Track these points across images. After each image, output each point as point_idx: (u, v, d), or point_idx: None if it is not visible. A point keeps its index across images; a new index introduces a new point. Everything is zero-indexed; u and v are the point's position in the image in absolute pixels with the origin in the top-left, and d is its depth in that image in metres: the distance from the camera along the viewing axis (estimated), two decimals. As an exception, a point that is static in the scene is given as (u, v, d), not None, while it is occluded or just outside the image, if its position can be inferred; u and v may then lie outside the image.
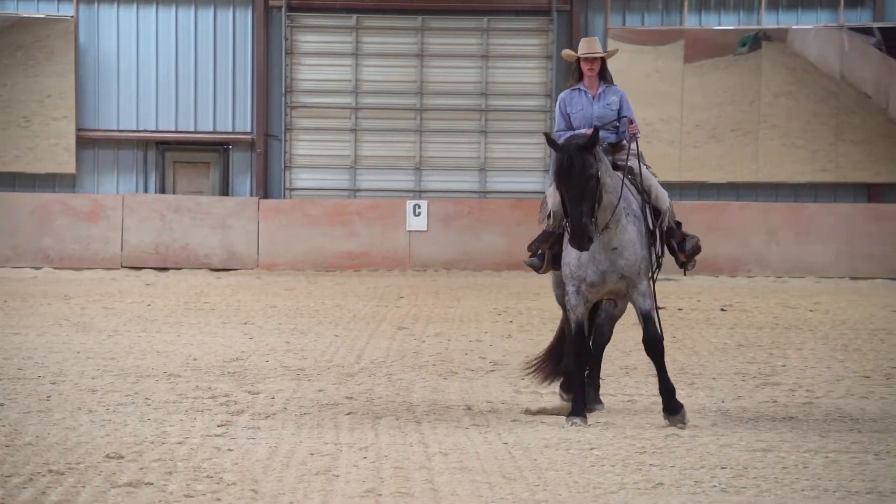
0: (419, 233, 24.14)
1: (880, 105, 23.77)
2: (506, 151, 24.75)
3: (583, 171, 8.64)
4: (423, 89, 24.74)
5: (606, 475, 7.20)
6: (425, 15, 24.63)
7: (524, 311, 16.58)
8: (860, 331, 14.55)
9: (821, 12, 24.10)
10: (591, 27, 24.62)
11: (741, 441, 8.23)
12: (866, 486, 6.94)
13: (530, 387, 10.44)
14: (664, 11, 24.47)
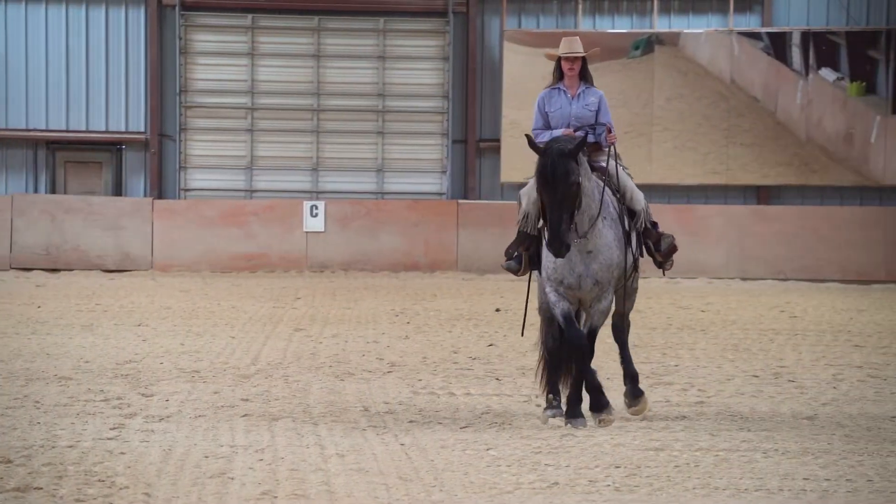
0: (316, 234, 24.04)
1: (769, 108, 24.22)
2: (403, 152, 24.76)
3: (565, 177, 8.60)
4: (320, 90, 24.65)
5: (503, 475, 7.23)
6: (321, 15, 24.55)
7: (421, 312, 16.60)
8: (750, 331, 14.81)
9: (711, 17, 24.49)
10: (487, 29, 24.74)
11: (634, 440, 8.32)
12: (755, 483, 7.07)
13: (427, 388, 10.46)
14: (559, 14, 24.67)
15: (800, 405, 9.70)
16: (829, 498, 6.76)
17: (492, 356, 12.42)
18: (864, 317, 16.62)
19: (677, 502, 6.66)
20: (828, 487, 6.98)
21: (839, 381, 10.96)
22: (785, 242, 23.63)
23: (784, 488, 6.96)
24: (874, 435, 8.55)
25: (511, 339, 13.81)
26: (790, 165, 24.15)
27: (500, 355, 12.48)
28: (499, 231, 24.20)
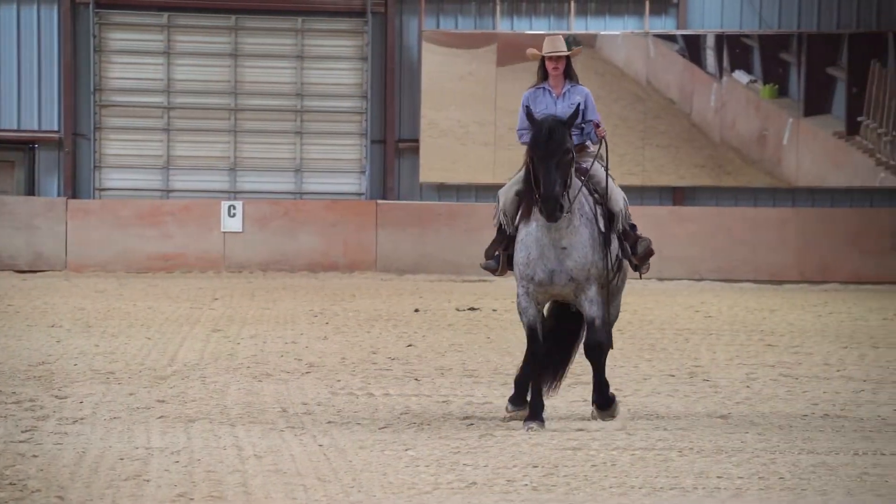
0: (234, 234, 23.89)
1: (684, 110, 24.49)
2: (322, 153, 24.68)
3: (561, 142, 8.59)
4: (238, 89, 24.50)
5: (421, 475, 7.24)
6: (239, 14, 24.40)
7: (340, 313, 16.56)
8: (666, 330, 14.96)
9: (627, 19, 24.71)
10: (405, 29, 24.75)
11: (552, 440, 8.36)
12: (670, 482, 7.14)
13: (346, 388, 10.43)
14: (477, 15, 24.74)
15: (714, 404, 9.81)
16: (742, 496, 6.85)
17: (410, 356, 12.43)
18: (776, 316, 16.86)
19: (594, 501, 6.71)
20: (741, 485, 7.07)
21: (752, 380, 11.11)
22: (700, 243, 23.91)
23: (698, 486, 7.03)
24: (786, 433, 8.68)
25: (430, 339, 13.83)
26: (705, 167, 24.44)
27: (419, 356, 12.49)
28: (418, 231, 24.22)
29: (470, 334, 14.33)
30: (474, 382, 10.80)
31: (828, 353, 12.99)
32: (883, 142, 24.13)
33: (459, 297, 19.19)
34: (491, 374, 11.26)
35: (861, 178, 24.27)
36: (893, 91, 23.94)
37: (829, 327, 15.54)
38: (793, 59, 24.10)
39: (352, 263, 23.93)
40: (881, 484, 7.14)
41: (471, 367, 11.70)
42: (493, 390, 10.41)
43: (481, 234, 24.51)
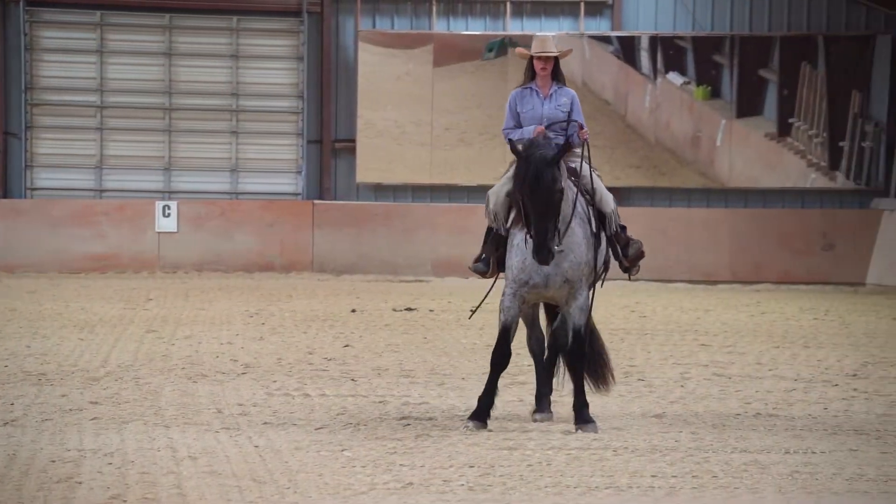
0: (169, 234, 23.72)
1: (619, 111, 24.64)
2: (257, 152, 24.57)
3: (551, 185, 8.47)
4: (172, 88, 24.33)
5: (357, 476, 7.23)
6: (173, 13, 24.23)
7: (276, 313, 16.50)
8: (601, 330, 15.00)
9: (563, 20, 24.82)
10: (341, 29, 24.71)
11: (489, 440, 8.38)
12: (605, 481, 7.18)
13: (282, 389, 10.39)
14: (413, 16, 24.75)
15: (649, 403, 9.88)
16: (675, 494, 6.90)
17: (347, 357, 12.40)
18: (710, 316, 17.01)
19: (529, 501, 6.73)
20: (675, 484, 7.12)
21: (686, 379, 11.20)
22: (635, 243, 24.06)
23: (633, 485, 7.08)
24: (719, 432, 8.76)
25: (367, 339, 13.81)
26: (640, 168, 24.62)
27: (356, 356, 12.47)
28: (354, 231, 24.19)
29: (407, 335, 14.33)
30: (411, 383, 10.80)
31: (760, 352, 13.13)
32: (813, 143, 24.43)
33: (396, 298, 19.19)
34: (428, 375, 11.27)
35: (792, 179, 24.55)
36: (823, 93, 24.24)
37: (761, 327, 15.70)
38: (725, 60, 24.33)
39: (288, 264, 23.85)
40: (812, 482, 7.22)
41: (407, 368, 11.70)
42: (430, 391, 10.41)
43: (418, 235, 24.56)
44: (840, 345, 13.83)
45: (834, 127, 24.26)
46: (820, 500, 6.82)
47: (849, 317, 17.12)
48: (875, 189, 24.56)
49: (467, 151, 24.61)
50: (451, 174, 24.67)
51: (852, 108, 24.22)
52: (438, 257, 24.10)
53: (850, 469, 7.56)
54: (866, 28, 24.51)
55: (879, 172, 24.47)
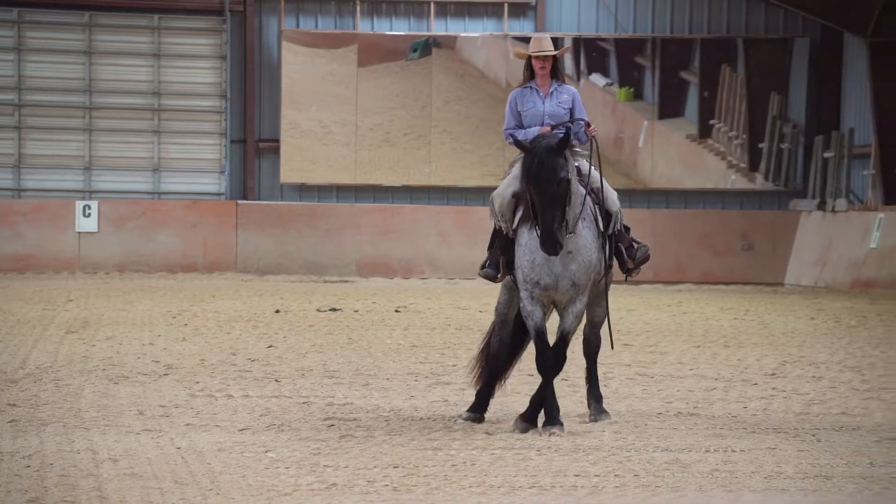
0: (89, 234, 23.46)
1: (545, 113, 24.77)
2: (180, 152, 24.39)
3: (554, 173, 8.37)
4: (93, 87, 24.07)
5: (281, 477, 7.20)
6: (93, 11, 23.97)
7: (199, 314, 16.38)
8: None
9: (487, 21, 24.91)
10: (264, 28, 24.60)
11: (413, 440, 8.39)
12: (529, 481, 7.21)
13: (205, 390, 10.33)
14: (337, 15, 24.70)
15: (572, 403, 9.94)
16: (598, 493, 6.96)
17: (271, 357, 12.35)
18: (633, 316, 17.15)
19: (453, 501, 6.75)
20: (597, 483, 7.18)
21: (609, 379, 11.28)
22: (559, 243, 24.21)
23: (556, 485, 7.12)
24: (641, 431, 8.84)
25: (291, 340, 13.76)
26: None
27: (280, 357, 12.42)
28: (278, 231, 24.09)
29: (331, 335, 14.29)
30: (335, 383, 10.78)
31: (681, 351, 13.26)
32: (734, 145, 24.72)
33: (321, 298, 19.14)
34: (352, 376, 11.25)
35: (713, 180, 24.83)
36: (743, 95, 24.54)
37: (682, 327, 15.86)
38: (647, 62, 24.55)
39: (211, 264, 23.69)
40: (731, 480, 7.32)
41: (332, 369, 11.68)
42: (355, 391, 10.40)
43: (342, 235, 24.52)
44: (759, 344, 14.01)
45: (753, 129, 24.58)
46: (739, 497, 6.90)
47: (768, 316, 17.35)
48: (793, 190, 24.91)
49: (392, 152, 24.60)
50: (375, 174, 24.66)
51: (771, 110, 24.55)
52: (363, 257, 24.08)
53: (768, 467, 7.66)
54: (784, 31, 24.85)
55: (797, 174, 24.82)
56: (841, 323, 16.26)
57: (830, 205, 23.40)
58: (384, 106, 24.57)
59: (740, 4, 24.87)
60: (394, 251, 24.07)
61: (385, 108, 24.58)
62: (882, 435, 8.78)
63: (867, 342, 14.11)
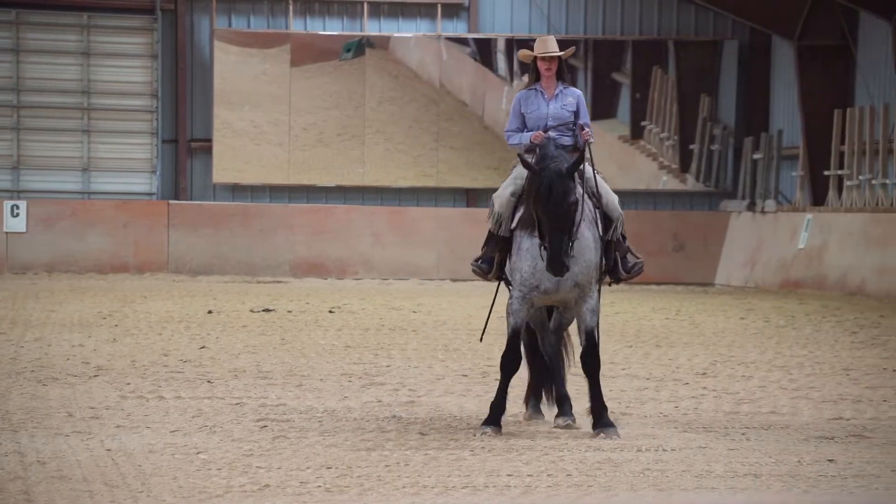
0: (18, 234, 23.18)
1: (476, 113, 24.83)
2: (111, 152, 24.17)
3: (564, 197, 8.33)
4: (21, 86, 23.78)
5: (212, 479, 7.15)
6: (20, 9, 23.68)
7: (131, 315, 16.23)
8: (460, 331, 15.13)
9: (420, 22, 24.92)
10: (196, 28, 24.43)
11: (346, 441, 8.37)
12: (462, 481, 7.22)
13: (136, 392, 10.23)
14: (270, 15, 24.60)
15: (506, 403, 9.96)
16: (531, 493, 6.98)
17: (203, 358, 12.27)
18: (566, 316, 17.22)
19: (387, 501, 6.74)
20: (530, 483, 7.20)
21: (543, 378, 11.31)
22: (492, 244, 24.27)
23: (489, 485, 7.14)
24: (574, 431, 8.88)
25: (223, 341, 13.68)
26: (497, 169, 24.83)
27: (213, 357, 12.34)
28: (211, 232, 23.94)
29: (264, 336, 14.23)
30: (268, 384, 10.73)
31: (614, 351, 13.35)
32: (665, 146, 24.92)
33: (254, 299, 19.04)
34: (285, 376, 11.21)
35: (645, 181, 25.02)
36: (674, 97, 24.75)
37: (614, 326, 15.96)
38: (580, 64, 24.68)
39: (142, 264, 23.49)
40: (662, 479, 7.37)
41: (265, 369, 11.62)
42: (288, 392, 10.36)
43: (276, 235, 24.41)
44: (690, 344, 14.13)
45: (684, 130, 24.79)
46: (670, 496, 6.95)
47: (698, 316, 17.50)
48: (723, 191, 25.15)
49: (325, 152, 24.54)
50: (309, 175, 24.57)
51: (702, 111, 24.78)
52: (296, 258, 23.99)
53: (698, 466, 7.73)
54: (714, 34, 25.09)
55: (728, 175, 25.08)
56: (770, 323, 16.44)
57: (760, 206, 23.65)
58: (317, 106, 24.50)
59: (671, 7, 25.07)
60: (327, 252, 24.01)
61: (318, 108, 24.51)
62: (809, 433, 8.89)
63: (795, 342, 14.28)
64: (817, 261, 21.66)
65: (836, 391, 10.69)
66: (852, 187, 21.71)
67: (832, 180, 22.25)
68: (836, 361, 12.64)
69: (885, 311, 17.99)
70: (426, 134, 24.72)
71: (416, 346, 13.55)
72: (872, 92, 21.88)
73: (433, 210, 24.58)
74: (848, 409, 9.85)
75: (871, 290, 20.11)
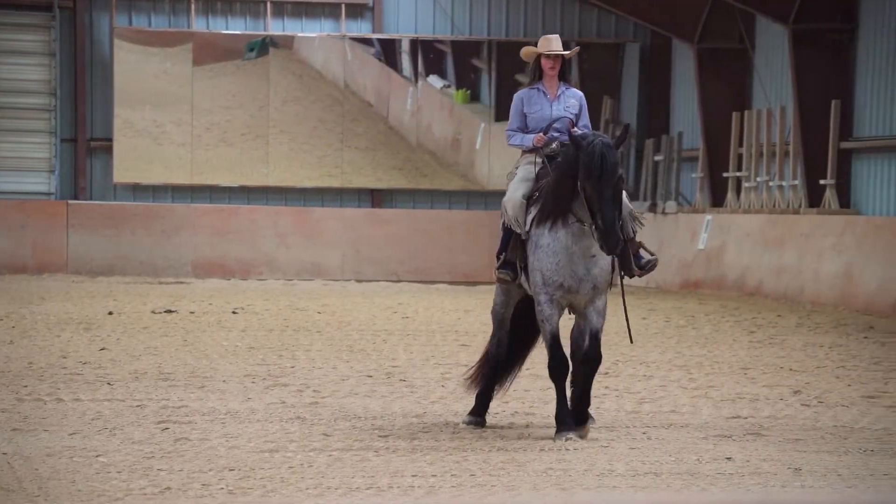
0: (-88, 235, 22.70)
1: (381, 114, 24.82)
2: (7, 151, 23.76)
3: (616, 168, 8.20)
4: (-85, 82, 23.28)
5: (112, 482, 7.07)
6: (-86, 4, 23.20)
7: (28, 316, 15.97)
8: (364, 332, 15.11)
9: (324, 21, 24.84)
10: (95, 25, 24.11)
11: (249, 443, 8.32)
12: (366, 482, 7.22)
13: (33, 394, 10.07)
14: (171, 13, 24.35)
15: (410, 404, 9.98)
16: (435, 493, 6.99)
17: (103, 360, 12.11)
18: (470, 317, 17.29)
19: (290, 503, 6.71)
20: (434, 483, 7.22)
21: (447, 379, 11.35)
22: (397, 245, 24.29)
23: (394, 485, 7.14)
24: (478, 431, 8.91)
25: (124, 342, 13.51)
26: (402, 170, 24.84)
27: (113, 359, 12.19)
28: (112, 232, 23.63)
29: (166, 337, 14.08)
30: (170, 386, 10.62)
31: (518, 351, 13.40)
32: (570, 147, 25.11)
33: (156, 300, 18.83)
34: (188, 378, 11.10)
35: (549, 182, 25.17)
36: (579, 99, 24.94)
37: (519, 326, 16.03)
38: (484, 65, 24.78)
39: (41, 265, 23.12)
40: (565, 478, 7.43)
41: (167, 371, 11.51)
42: (190, 393, 10.26)
43: (178, 236, 24.16)
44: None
45: (588, 132, 25.00)
46: (572, 496, 7.01)
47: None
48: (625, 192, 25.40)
49: (229, 152, 24.35)
50: (212, 175, 24.37)
51: (604, 113, 25.01)
52: (199, 258, 23.78)
53: (600, 465, 7.80)
54: (616, 36, 25.35)
55: (629, 176, 25.34)
56: (671, 323, 16.64)
57: (661, 207, 23.93)
58: (221, 106, 24.31)
59: (573, 9, 25.28)
60: (231, 252, 23.83)
61: (222, 107, 24.31)
62: (708, 432, 9.02)
63: (695, 342, 14.47)
64: (716, 261, 21.97)
65: (734, 390, 10.85)
66: (750, 189, 22.06)
67: (731, 182, 22.59)
68: (735, 361, 12.84)
69: (781, 311, 18.31)
70: (331, 134, 24.64)
71: (321, 347, 13.51)
72: (769, 95, 22.25)
73: (338, 210, 24.52)
74: (746, 408, 10.01)
75: (768, 290, 20.45)
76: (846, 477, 7.55)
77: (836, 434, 8.98)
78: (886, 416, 9.70)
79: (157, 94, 24.04)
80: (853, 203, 20.35)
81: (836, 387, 11.19)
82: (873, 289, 18.04)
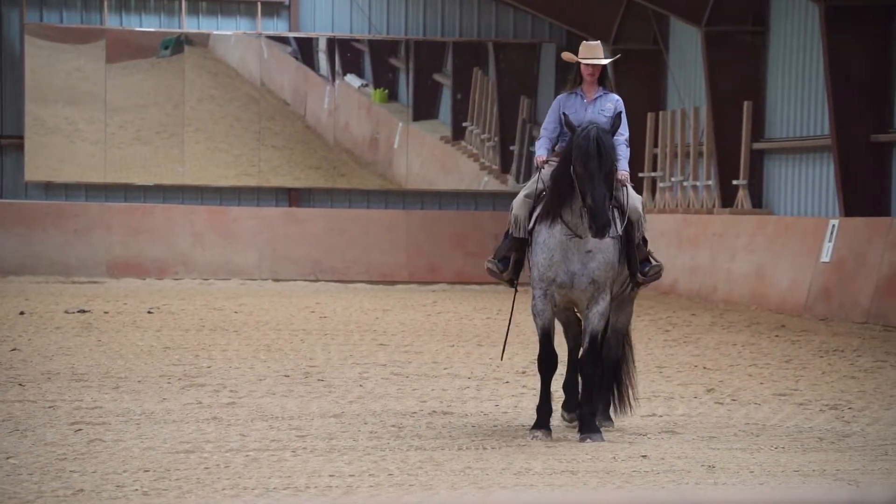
0: None
1: (298, 112, 24.71)
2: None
3: (610, 152, 8.29)
4: None
5: (23, 484, 6.96)
6: None
7: (-63, 318, 15.69)
8: (282, 331, 15.04)
9: (240, 19, 24.68)
10: (6, 22, 23.75)
11: (165, 443, 8.24)
12: (283, 482, 7.18)
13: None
14: (84, 10, 24.05)
15: (328, 403, 9.95)
16: (352, 493, 6.98)
17: (15, 361, 11.93)
18: (388, 316, 17.29)
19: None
20: (352, 483, 7.20)
21: (365, 378, 11.34)
22: (315, 244, 24.20)
23: (311, 486, 7.11)
24: (396, 431, 8.91)
25: (36, 342, 13.32)
26: (320, 168, 24.76)
27: (24, 360, 12.01)
28: (23, 231, 23.26)
29: (79, 337, 13.90)
30: (84, 387, 10.49)
31: (436, 351, 13.44)
32: (486, 147, 25.19)
33: (69, 299, 18.59)
34: (101, 378, 10.97)
35: (466, 181, 25.25)
36: (494, 98, 25.04)
37: (437, 326, 16.07)
38: (401, 64, 24.78)
39: (-50, 265, 22.73)
40: (482, 477, 7.45)
41: (80, 371, 11.36)
42: (104, 394, 10.14)
43: (92, 235, 23.86)
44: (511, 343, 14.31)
45: (504, 131, 25.11)
46: (489, 494, 7.03)
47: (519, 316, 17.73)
48: (543, 192, 25.54)
49: (144, 150, 24.10)
50: (126, 173, 24.10)
51: (521, 113, 25.13)
52: (114, 258, 23.51)
53: (518, 463, 7.83)
54: (532, 36, 25.48)
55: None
56: (588, 321, 16.76)
57: (578, 206, 24.08)
58: (135, 103, 24.05)
59: (490, 9, 25.36)
60: (146, 251, 23.59)
61: (136, 105, 24.06)
62: (623, 430, 9.10)
63: (612, 339, 14.58)
64: (633, 260, 22.17)
65: (649, 388, 10.95)
66: (665, 189, 22.28)
67: (646, 182, 22.80)
68: (650, 359, 12.96)
69: (695, 310, 18.52)
70: (247, 133, 24.49)
71: (238, 346, 13.42)
72: (683, 96, 22.49)
73: (255, 209, 24.38)
74: (661, 406, 10.11)
75: (682, 289, 20.66)
76: (758, 474, 7.66)
77: (749, 431, 9.10)
78: (797, 414, 9.85)
79: (69, 92, 23.72)
80: (765, 203, 20.64)
81: (748, 385, 11.34)
82: (784, 288, 18.30)
